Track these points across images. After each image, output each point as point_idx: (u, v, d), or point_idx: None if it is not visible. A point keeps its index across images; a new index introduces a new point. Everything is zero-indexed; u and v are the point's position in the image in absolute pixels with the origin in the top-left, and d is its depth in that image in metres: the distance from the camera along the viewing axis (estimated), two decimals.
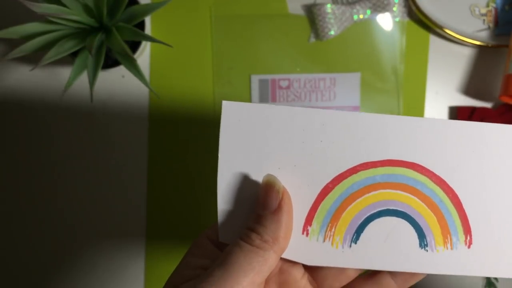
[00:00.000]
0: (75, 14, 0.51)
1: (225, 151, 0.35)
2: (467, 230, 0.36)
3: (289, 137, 0.35)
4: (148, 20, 0.59)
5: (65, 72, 0.61)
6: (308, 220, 0.35)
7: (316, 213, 0.35)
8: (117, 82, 0.62)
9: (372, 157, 0.35)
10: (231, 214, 0.35)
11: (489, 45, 0.61)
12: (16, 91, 0.62)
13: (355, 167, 0.35)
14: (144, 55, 0.61)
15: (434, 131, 0.35)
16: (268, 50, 0.62)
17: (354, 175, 0.35)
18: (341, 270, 0.37)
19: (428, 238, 0.36)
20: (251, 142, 0.35)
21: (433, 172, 0.35)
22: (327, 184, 0.35)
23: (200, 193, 0.63)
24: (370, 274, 0.38)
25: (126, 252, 0.62)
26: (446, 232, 0.36)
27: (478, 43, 0.61)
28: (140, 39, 0.54)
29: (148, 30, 0.60)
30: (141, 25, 0.58)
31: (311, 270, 0.37)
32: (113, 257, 0.62)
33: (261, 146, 0.35)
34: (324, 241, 0.36)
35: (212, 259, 0.33)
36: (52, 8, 0.48)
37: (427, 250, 0.36)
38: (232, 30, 0.62)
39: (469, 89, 0.62)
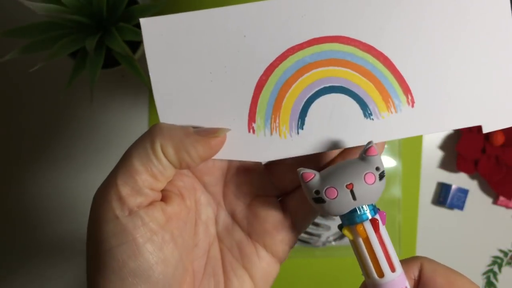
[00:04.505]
0: (75, 14, 0.52)
1: (154, 68, 0.35)
2: (406, 90, 0.35)
3: (213, 40, 0.35)
4: None
5: (65, 72, 0.59)
6: (251, 117, 0.36)
7: (257, 108, 0.36)
8: (117, 82, 0.63)
9: (297, 40, 0.35)
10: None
11: None
12: (16, 91, 0.64)
13: (283, 53, 0.35)
14: (144, 55, 0.62)
15: (350, 0, 0.35)
16: None
17: (284, 62, 0.35)
18: (300, 161, 0.36)
19: (370, 107, 0.35)
20: (177, 53, 0.35)
21: (359, 41, 0.35)
22: (260, 77, 0.35)
23: None
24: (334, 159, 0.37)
25: None
26: (386, 97, 0.35)
27: None
28: (140, 39, 0.54)
29: None
30: None
31: (270, 167, 0.38)
32: None
33: (188, 54, 0.35)
34: (271, 134, 0.36)
35: None
36: (52, 8, 0.50)
37: (372, 119, 0.35)
38: None
39: None
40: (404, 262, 0.33)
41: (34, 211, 0.66)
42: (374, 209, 0.33)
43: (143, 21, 0.35)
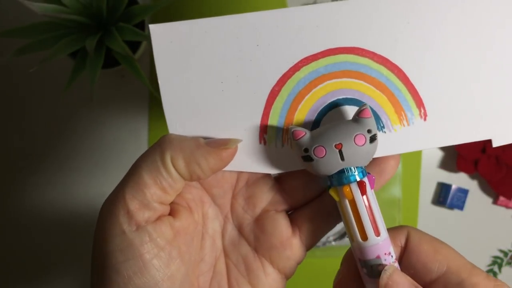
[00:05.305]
0: (75, 14, 0.52)
1: (163, 76, 0.34)
2: (419, 103, 0.35)
3: (225, 48, 0.34)
4: (148, 20, 0.60)
5: (65, 72, 0.58)
6: (263, 128, 0.35)
7: (269, 119, 0.35)
8: (117, 82, 0.63)
9: (311, 50, 0.34)
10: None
11: None
12: (16, 91, 0.64)
13: (296, 64, 0.34)
14: (144, 55, 0.62)
15: (366, 11, 0.34)
16: None
17: (298, 72, 0.35)
18: (311, 176, 0.36)
19: (383, 120, 0.35)
20: (187, 61, 0.34)
21: (374, 52, 0.34)
22: (273, 88, 0.35)
23: None
24: None
25: None
26: (399, 110, 0.35)
27: None
28: (140, 39, 0.54)
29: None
30: (141, 25, 0.58)
31: (281, 181, 0.37)
32: None
33: (199, 63, 0.34)
34: (283, 145, 0.35)
35: None
36: (52, 8, 0.49)
37: (385, 132, 0.35)
38: None
39: None
40: (392, 230, 0.33)
41: (32, 210, 0.65)
42: (363, 172, 0.32)
43: (152, 27, 0.34)
